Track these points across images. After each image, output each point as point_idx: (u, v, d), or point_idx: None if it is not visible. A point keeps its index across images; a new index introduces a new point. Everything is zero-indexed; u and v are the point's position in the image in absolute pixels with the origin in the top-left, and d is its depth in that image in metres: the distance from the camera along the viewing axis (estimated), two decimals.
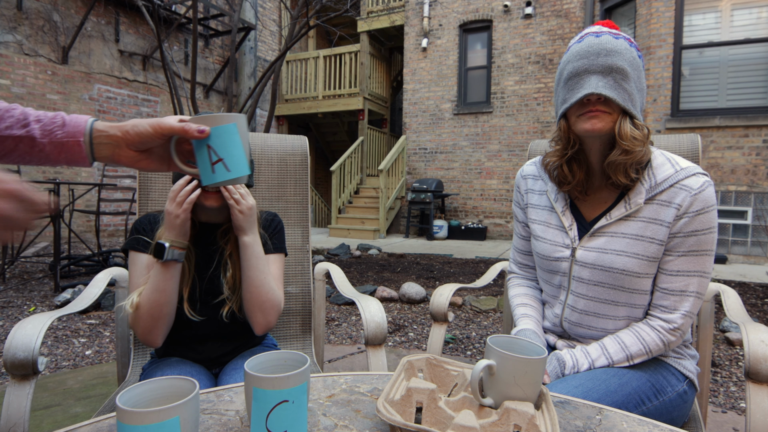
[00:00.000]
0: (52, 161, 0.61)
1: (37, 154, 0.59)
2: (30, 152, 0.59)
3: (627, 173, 0.93)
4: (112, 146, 0.62)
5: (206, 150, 0.63)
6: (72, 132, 0.60)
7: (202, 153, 0.64)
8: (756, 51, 5.21)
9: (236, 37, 5.18)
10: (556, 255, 1.03)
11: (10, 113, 0.58)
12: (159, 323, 0.98)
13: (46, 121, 0.59)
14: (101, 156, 0.62)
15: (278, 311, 1.06)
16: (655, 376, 0.94)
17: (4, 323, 2.93)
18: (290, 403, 0.52)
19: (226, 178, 0.63)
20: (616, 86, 0.88)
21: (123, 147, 0.62)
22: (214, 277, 1.09)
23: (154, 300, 0.95)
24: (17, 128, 0.58)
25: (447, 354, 2.63)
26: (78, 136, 0.60)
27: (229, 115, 0.63)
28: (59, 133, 0.59)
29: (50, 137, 0.59)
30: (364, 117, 8.81)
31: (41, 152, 0.59)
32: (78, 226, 6.44)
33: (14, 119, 0.58)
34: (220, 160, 0.63)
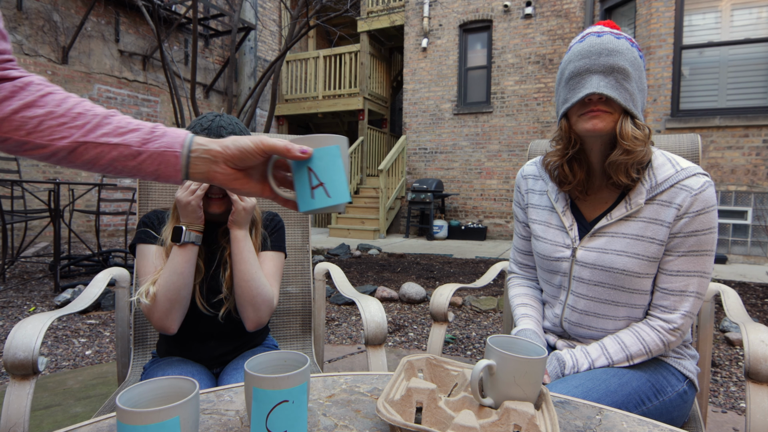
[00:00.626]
0: (144, 172, 0.58)
1: (131, 162, 0.57)
2: (124, 161, 0.57)
3: (628, 173, 0.93)
4: (209, 162, 0.59)
5: (307, 173, 0.59)
6: (170, 143, 0.58)
7: (302, 176, 0.59)
8: (756, 51, 5.21)
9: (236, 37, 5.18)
10: (557, 255, 1.03)
11: (108, 120, 0.57)
12: (176, 306, 0.99)
13: (144, 130, 0.58)
14: (196, 172, 0.59)
15: (270, 307, 1.06)
16: (655, 376, 0.94)
17: (4, 323, 2.93)
18: (290, 403, 0.52)
19: (326, 204, 0.58)
20: (617, 86, 0.88)
21: (220, 163, 0.59)
22: (215, 275, 1.10)
23: (172, 282, 0.97)
24: (114, 136, 0.56)
25: (447, 354, 2.63)
26: (176, 147, 0.58)
27: (332, 136, 0.59)
28: (156, 144, 0.57)
29: (147, 146, 0.57)
30: (364, 117, 8.81)
31: (135, 161, 0.57)
32: (78, 226, 6.44)
33: (112, 126, 0.57)
34: (321, 185, 0.58)
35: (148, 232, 1.06)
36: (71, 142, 0.55)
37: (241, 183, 0.61)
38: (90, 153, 0.56)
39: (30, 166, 5.98)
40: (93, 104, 0.58)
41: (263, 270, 1.11)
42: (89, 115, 0.56)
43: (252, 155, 0.59)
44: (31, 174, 5.98)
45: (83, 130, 0.55)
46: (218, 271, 1.10)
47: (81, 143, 0.55)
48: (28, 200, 5.43)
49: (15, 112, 0.53)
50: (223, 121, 1.05)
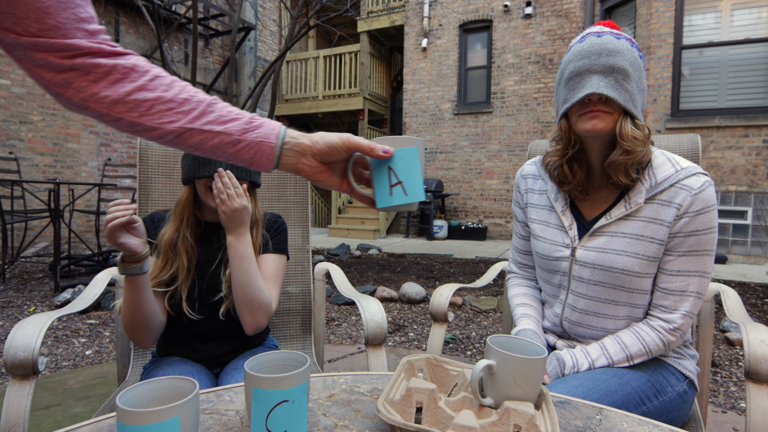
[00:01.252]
0: (241, 159, 0.62)
1: (230, 149, 0.61)
2: (224, 147, 0.61)
3: (628, 173, 0.93)
4: (298, 155, 0.63)
5: (387, 172, 0.63)
6: (266, 134, 0.62)
7: (382, 174, 0.64)
8: (756, 51, 5.21)
9: (236, 37, 5.18)
10: (556, 254, 1.03)
11: (212, 108, 0.61)
12: (136, 330, 0.98)
13: (244, 119, 0.62)
14: (286, 163, 0.64)
15: (267, 312, 1.05)
16: (655, 376, 0.94)
17: (4, 323, 2.93)
18: (290, 403, 0.52)
19: (403, 201, 0.63)
20: (617, 86, 0.88)
21: (308, 156, 0.64)
22: (215, 275, 1.10)
23: (125, 312, 0.96)
24: (217, 124, 0.60)
25: (447, 354, 2.63)
26: (271, 138, 0.62)
27: (412, 138, 0.63)
28: (254, 134, 0.61)
29: (246, 136, 0.61)
30: (364, 117, 8.81)
31: (234, 148, 0.61)
32: (78, 226, 6.44)
33: (215, 115, 0.60)
34: (399, 183, 0.63)
35: None
36: (178, 128, 0.58)
37: (324, 176, 0.65)
38: (194, 139, 0.60)
39: (30, 166, 5.98)
40: (195, 89, 0.62)
41: (263, 272, 1.10)
42: (194, 102, 0.60)
43: (338, 151, 0.64)
44: (31, 174, 5.98)
45: (189, 116, 0.59)
46: (219, 269, 1.10)
47: (187, 129, 0.59)
48: (28, 200, 5.43)
49: (128, 95, 0.56)
50: None
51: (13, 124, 5.82)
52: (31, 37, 0.51)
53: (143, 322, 0.96)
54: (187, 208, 1.09)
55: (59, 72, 0.54)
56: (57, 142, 6.31)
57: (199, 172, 1.04)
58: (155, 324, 1.00)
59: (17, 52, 0.53)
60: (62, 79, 0.54)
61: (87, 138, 6.67)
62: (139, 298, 0.93)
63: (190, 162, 1.05)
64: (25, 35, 0.51)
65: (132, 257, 0.89)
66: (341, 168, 0.67)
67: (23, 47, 0.52)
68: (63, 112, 6.37)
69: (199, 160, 1.04)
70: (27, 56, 0.53)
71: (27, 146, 5.96)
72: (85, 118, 6.61)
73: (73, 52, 0.53)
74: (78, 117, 6.54)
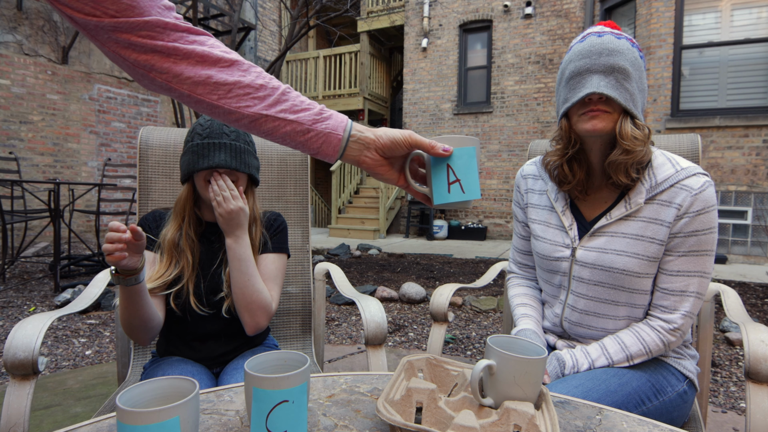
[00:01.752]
0: (309, 148, 0.65)
1: (300, 138, 0.63)
2: (295, 136, 0.63)
3: (628, 173, 0.93)
4: (362, 147, 0.66)
5: (446, 170, 0.65)
6: (334, 126, 0.64)
7: (441, 172, 0.66)
8: (756, 51, 5.21)
9: (236, 37, 5.18)
10: (556, 255, 1.03)
11: (286, 96, 0.63)
12: (134, 331, 0.97)
13: (315, 110, 0.64)
14: (349, 155, 0.66)
15: (267, 313, 1.05)
16: (655, 376, 0.94)
17: (4, 323, 2.93)
18: (290, 403, 0.52)
19: (461, 199, 0.65)
20: (617, 86, 0.88)
21: (371, 149, 0.66)
22: (216, 274, 1.10)
23: (122, 316, 0.95)
24: (290, 113, 0.62)
25: (447, 354, 2.63)
26: (339, 130, 0.64)
27: (469, 138, 0.66)
28: (323, 125, 0.64)
29: (316, 126, 0.63)
30: (364, 117, 8.81)
31: (304, 137, 0.63)
32: (78, 226, 6.44)
33: (289, 104, 0.62)
34: (458, 181, 0.65)
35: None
36: (254, 113, 0.61)
37: (383, 170, 0.68)
38: (268, 125, 0.62)
39: (30, 166, 5.98)
40: (269, 75, 0.64)
41: (263, 273, 1.10)
42: (269, 88, 0.62)
43: (400, 147, 0.66)
44: (31, 174, 5.98)
45: (265, 102, 0.61)
46: (220, 269, 1.10)
47: (263, 115, 0.61)
48: (28, 200, 5.43)
49: (209, 78, 0.59)
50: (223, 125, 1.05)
51: (13, 124, 5.82)
52: (111, 18, 0.53)
53: (141, 324, 0.96)
54: (188, 207, 1.09)
55: (143, 53, 0.56)
56: (57, 142, 6.31)
57: (198, 165, 1.02)
58: (153, 325, 0.99)
59: (102, 36, 0.55)
60: (145, 60, 0.56)
61: (87, 138, 6.67)
62: (136, 306, 0.92)
63: (189, 157, 1.04)
64: (105, 17, 0.53)
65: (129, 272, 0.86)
66: (399, 164, 0.69)
67: (106, 30, 0.54)
68: (63, 112, 6.37)
69: (197, 154, 1.02)
70: (111, 39, 0.55)
71: (27, 146, 5.96)
72: (85, 117, 6.61)
73: (152, 31, 0.56)
74: (78, 117, 6.54)
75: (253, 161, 1.10)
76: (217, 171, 1.03)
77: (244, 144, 1.07)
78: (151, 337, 1.01)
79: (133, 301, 0.91)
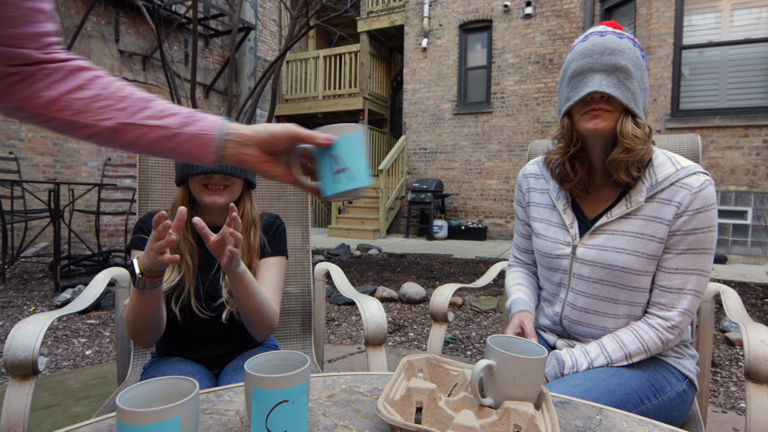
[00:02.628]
0: (180, 153, 0.62)
1: (169, 143, 0.61)
2: (162, 142, 0.61)
3: (628, 171, 0.93)
4: (240, 145, 0.64)
5: (329, 159, 0.63)
6: (206, 127, 0.62)
7: (324, 162, 0.64)
8: (756, 51, 5.21)
9: (236, 37, 5.18)
10: (557, 252, 1.04)
11: (151, 103, 0.61)
12: (141, 334, 0.96)
13: (183, 114, 0.62)
14: (228, 155, 0.64)
15: (277, 318, 1.05)
16: (655, 376, 0.94)
17: (4, 323, 2.93)
18: (290, 403, 0.52)
19: (349, 187, 0.63)
20: (619, 85, 0.89)
21: (251, 146, 0.64)
22: (214, 279, 1.09)
23: (132, 316, 0.93)
24: (155, 119, 0.60)
25: (447, 354, 2.63)
26: (211, 131, 0.62)
27: (353, 125, 0.64)
28: (193, 127, 0.62)
29: (185, 129, 0.61)
30: (364, 117, 8.81)
31: (173, 142, 0.61)
32: (78, 226, 6.44)
33: (154, 110, 0.60)
34: (344, 170, 0.63)
35: (143, 238, 1.04)
36: (115, 123, 0.58)
37: (268, 166, 0.66)
38: (132, 134, 0.59)
39: (30, 166, 5.98)
40: (138, 89, 0.62)
41: (264, 278, 1.09)
42: (133, 99, 0.60)
43: (280, 140, 0.64)
44: (31, 174, 5.98)
45: (127, 112, 0.59)
46: (218, 274, 1.09)
47: (124, 125, 0.59)
48: (28, 200, 5.43)
49: (65, 94, 0.56)
50: None
51: (13, 124, 5.82)
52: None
53: (151, 327, 0.95)
54: None
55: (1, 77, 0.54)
56: (57, 142, 6.31)
57: (192, 170, 1.02)
58: (161, 327, 0.99)
59: None
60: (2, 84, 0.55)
61: None
62: (153, 308, 0.91)
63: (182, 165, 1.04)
64: None
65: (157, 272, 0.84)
66: (286, 159, 0.67)
67: None
68: None
69: None
70: None
71: (27, 146, 5.96)
72: None
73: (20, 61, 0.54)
74: None
75: None
76: None
77: None
78: (156, 339, 1.01)
79: (151, 304, 0.90)
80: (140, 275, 0.83)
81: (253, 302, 0.97)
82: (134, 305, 0.91)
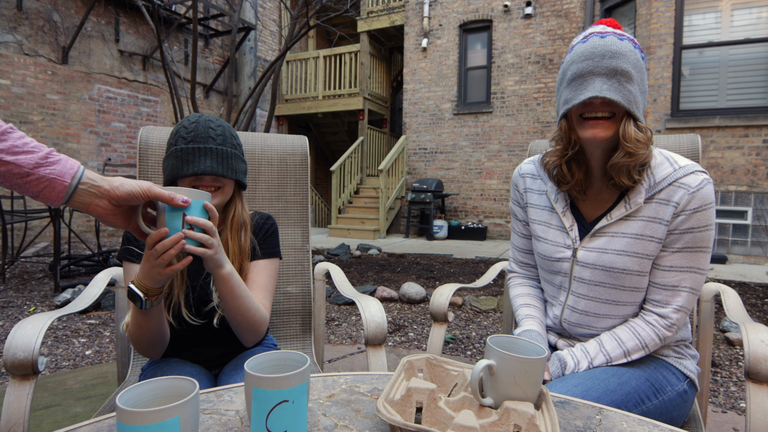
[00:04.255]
0: (29, 191, 0.62)
1: (19, 180, 0.61)
2: (12, 177, 0.60)
3: (630, 175, 0.93)
4: (93, 196, 0.65)
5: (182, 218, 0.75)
6: (61, 172, 0.62)
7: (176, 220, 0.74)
8: (756, 51, 5.21)
9: (236, 37, 5.18)
10: (558, 255, 1.03)
11: (4, 137, 0.60)
12: (150, 348, 0.96)
13: (40, 154, 0.62)
14: (78, 201, 0.65)
15: (265, 324, 1.02)
16: (655, 376, 0.94)
17: (4, 323, 2.93)
18: (290, 403, 0.52)
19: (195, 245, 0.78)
20: (620, 88, 0.88)
21: (104, 199, 0.66)
22: (204, 284, 1.07)
23: (139, 335, 0.92)
24: (7, 154, 0.59)
25: (447, 354, 2.63)
26: (66, 177, 0.62)
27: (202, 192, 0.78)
28: (48, 170, 0.62)
29: (38, 170, 0.61)
30: (364, 117, 8.81)
31: (23, 180, 0.61)
32: (78, 226, 6.44)
33: (8, 144, 0.60)
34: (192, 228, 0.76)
35: (131, 249, 1.01)
36: None
37: (115, 218, 0.69)
38: None
39: None
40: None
41: (254, 281, 1.06)
42: None
43: (137, 199, 0.68)
44: None
45: None
46: (208, 279, 1.06)
47: None
48: (28, 200, 5.43)
49: None
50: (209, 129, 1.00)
51: (13, 124, 5.82)
52: None
53: (158, 340, 0.95)
54: None
55: None
56: (57, 142, 6.31)
57: (182, 171, 0.97)
58: (167, 338, 0.98)
59: None
60: None
61: (87, 138, 6.67)
62: (158, 321, 0.91)
63: (172, 162, 0.99)
64: None
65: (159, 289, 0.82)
66: (133, 209, 0.71)
67: None
68: (63, 112, 6.37)
69: (182, 159, 0.97)
70: None
71: None
72: (85, 117, 6.61)
73: None
74: (78, 117, 6.54)
75: (240, 165, 1.05)
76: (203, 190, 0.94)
77: (230, 148, 1.02)
78: (164, 349, 1.00)
79: (156, 318, 0.89)
80: (145, 297, 0.81)
81: (239, 306, 0.94)
82: (139, 324, 0.89)
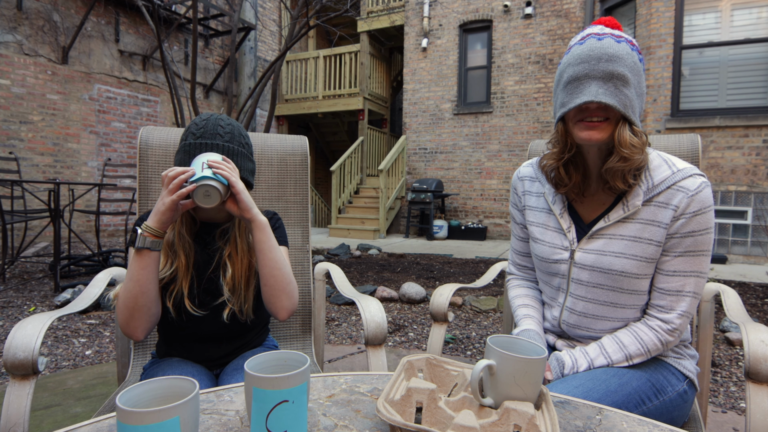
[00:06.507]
0: None
1: None
2: None
3: (625, 179, 0.92)
4: None
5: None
6: None
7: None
8: (756, 51, 5.21)
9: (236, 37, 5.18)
10: (555, 257, 1.03)
11: None
12: (135, 315, 0.94)
13: None
14: None
15: (297, 292, 1.06)
16: (655, 376, 0.94)
17: (4, 323, 2.93)
18: (290, 403, 0.52)
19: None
20: (616, 92, 0.87)
21: None
22: (213, 277, 1.07)
23: (128, 290, 0.92)
24: None
25: (447, 354, 2.63)
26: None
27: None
28: None
29: None
30: (364, 117, 8.81)
31: None
32: (78, 226, 6.44)
33: None
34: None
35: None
36: None
37: None
38: None
39: (30, 166, 5.98)
40: None
41: None
42: None
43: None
44: (31, 174, 5.98)
45: None
46: (217, 273, 1.07)
47: None
48: (28, 200, 5.43)
49: None
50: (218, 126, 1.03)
51: (13, 124, 5.82)
52: None
53: (146, 304, 0.94)
54: None
55: None
56: (57, 142, 6.31)
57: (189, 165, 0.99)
58: (155, 311, 0.98)
59: None
60: None
61: (87, 138, 6.67)
62: (150, 277, 0.93)
63: (182, 156, 1.01)
64: None
65: (158, 231, 0.91)
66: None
67: None
68: (63, 112, 6.37)
69: (189, 154, 1.00)
70: None
71: (27, 146, 5.96)
72: (85, 117, 6.61)
73: None
74: (78, 117, 6.54)
75: (247, 164, 1.07)
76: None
77: (238, 146, 1.04)
78: (149, 328, 0.99)
79: (150, 271, 0.93)
80: (141, 231, 0.90)
81: (276, 258, 1.00)
82: (131, 276, 0.92)
